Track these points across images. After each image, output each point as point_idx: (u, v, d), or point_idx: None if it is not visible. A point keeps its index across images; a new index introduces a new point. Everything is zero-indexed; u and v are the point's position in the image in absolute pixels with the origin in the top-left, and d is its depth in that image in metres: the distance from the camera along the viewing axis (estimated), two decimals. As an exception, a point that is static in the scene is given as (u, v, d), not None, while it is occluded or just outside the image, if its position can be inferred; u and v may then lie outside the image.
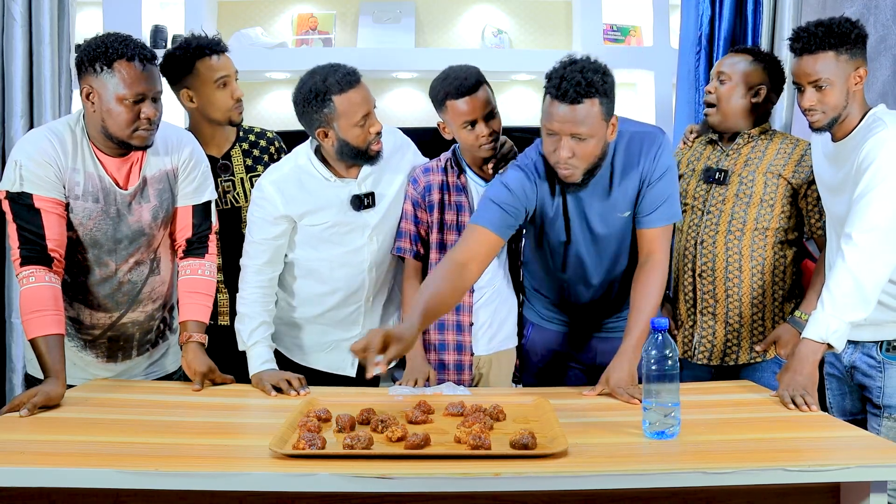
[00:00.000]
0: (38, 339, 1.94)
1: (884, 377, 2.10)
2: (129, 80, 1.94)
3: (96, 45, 1.95)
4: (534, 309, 2.44)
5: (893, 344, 2.09)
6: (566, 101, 1.93)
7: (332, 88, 2.15)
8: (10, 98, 2.74)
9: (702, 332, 2.42)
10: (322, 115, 2.16)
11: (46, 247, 1.97)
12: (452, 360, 2.38)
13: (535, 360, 2.44)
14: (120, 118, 1.96)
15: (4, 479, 1.50)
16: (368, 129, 2.18)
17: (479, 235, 2.07)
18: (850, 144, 2.09)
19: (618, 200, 2.12)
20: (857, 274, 1.93)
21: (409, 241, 2.36)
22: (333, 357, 2.39)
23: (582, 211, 2.14)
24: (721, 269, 2.38)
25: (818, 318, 1.95)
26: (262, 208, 2.24)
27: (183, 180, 2.18)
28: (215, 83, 2.42)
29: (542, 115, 2.02)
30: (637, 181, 2.11)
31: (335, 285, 2.33)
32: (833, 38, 2.05)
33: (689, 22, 3.08)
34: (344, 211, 2.27)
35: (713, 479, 1.49)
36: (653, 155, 2.10)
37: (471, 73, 2.27)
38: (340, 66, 2.20)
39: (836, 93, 2.07)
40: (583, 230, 2.17)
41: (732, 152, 2.41)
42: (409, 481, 1.48)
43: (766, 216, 2.35)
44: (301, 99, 2.19)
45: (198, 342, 2.16)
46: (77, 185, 2.01)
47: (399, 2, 4.01)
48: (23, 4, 2.72)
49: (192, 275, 2.22)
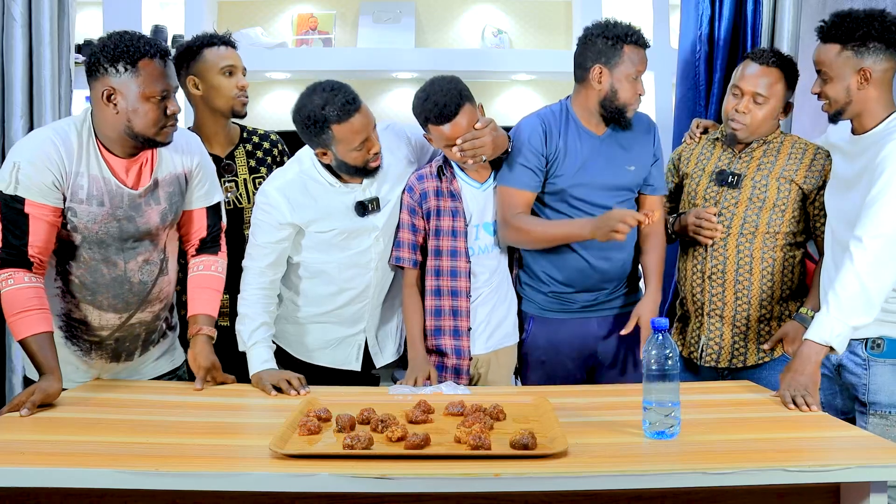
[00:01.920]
0: (27, 339, 1.94)
1: (869, 374, 2.10)
2: (154, 77, 1.94)
3: (115, 46, 1.94)
4: (534, 302, 2.46)
5: (878, 342, 2.09)
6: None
7: (330, 118, 2.13)
8: (10, 98, 2.74)
9: (709, 334, 2.41)
10: (321, 139, 2.17)
11: (27, 252, 1.95)
12: (451, 364, 2.38)
13: (537, 356, 2.45)
14: (148, 116, 1.96)
15: (4, 479, 1.50)
16: (367, 151, 2.19)
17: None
18: (867, 141, 2.08)
19: (633, 151, 2.42)
20: (864, 279, 1.93)
21: (409, 251, 2.36)
22: (338, 352, 2.40)
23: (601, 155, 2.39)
24: (731, 272, 2.37)
25: (822, 320, 1.95)
26: (268, 213, 2.24)
27: (197, 184, 2.19)
28: (221, 70, 2.43)
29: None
30: (649, 146, 2.44)
31: (343, 286, 2.33)
32: (840, 33, 2.04)
33: (689, 22, 3.08)
34: (350, 217, 2.27)
35: (713, 479, 1.49)
36: (655, 129, 2.48)
37: (451, 95, 2.23)
38: (340, 92, 2.15)
39: (835, 87, 2.07)
40: (599, 173, 2.38)
41: (745, 156, 2.40)
42: (409, 481, 1.48)
43: (778, 220, 2.34)
44: (300, 121, 2.19)
45: (207, 335, 2.17)
46: (81, 189, 2.00)
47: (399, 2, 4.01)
48: (23, 4, 2.72)
49: (205, 270, 2.24)
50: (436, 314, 2.37)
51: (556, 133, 2.38)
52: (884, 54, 2.05)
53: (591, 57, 2.35)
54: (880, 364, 2.09)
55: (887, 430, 2.03)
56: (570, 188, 2.37)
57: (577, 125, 2.41)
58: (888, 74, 2.08)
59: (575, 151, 2.38)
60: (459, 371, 2.37)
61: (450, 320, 2.37)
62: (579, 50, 2.40)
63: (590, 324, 2.44)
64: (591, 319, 2.44)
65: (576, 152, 2.38)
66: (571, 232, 2.34)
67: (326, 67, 3.77)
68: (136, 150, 2.04)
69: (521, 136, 2.39)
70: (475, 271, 2.38)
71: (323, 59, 3.84)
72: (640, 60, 2.35)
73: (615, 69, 2.33)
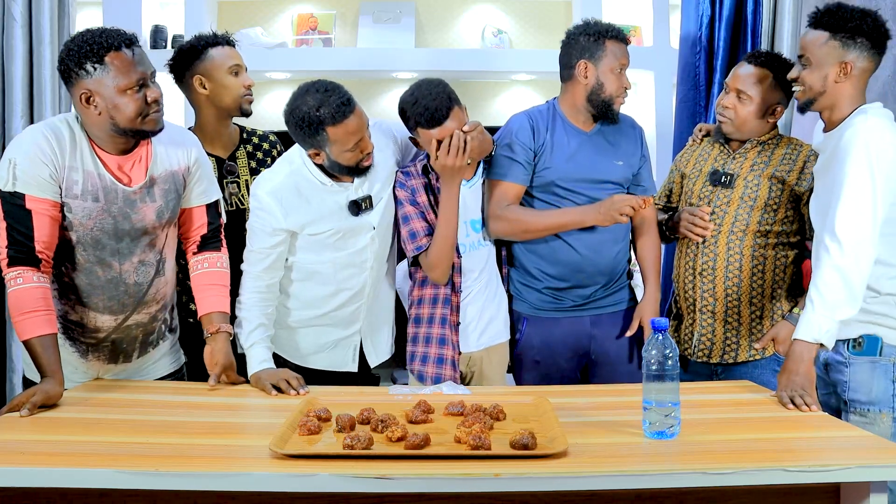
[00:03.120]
0: (32, 341, 1.93)
1: (849, 372, 2.11)
2: (125, 68, 1.92)
3: (79, 48, 1.92)
4: (526, 301, 2.47)
5: (859, 341, 2.10)
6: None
7: (325, 120, 2.12)
8: (10, 98, 2.74)
9: (701, 329, 2.43)
10: (315, 140, 2.17)
11: (34, 248, 1.95)
12: (434, 354, 2.37)
13: (532, 356, 2.46)
14: (128, 109, 1.94)
15: (4, 479, 1.50)
16: (360, 151, 2.19)
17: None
18: (834, 136, 2.09)
19: (621, 148, 2.46)
20: (843, 270, 1.94)
21: (427, 238, 2.33)
22: (335, 355, 2.39)
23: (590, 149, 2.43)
24: (721, 269, 2.39)
25: (809, 318, 1.95)
26: (261, 219, 2.23)
27: (195, 182, 2.19)
28: (229, 69, 2.44)
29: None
30: (636, 144, 2.50)
31: (340, 286, 2.33)
32: (832, 21, 2.06)
33: (689, 22, 3.08)
34: (345, 216, 2.27)
35: (713, 479, 1.49)
36: (641, 130, 2.54)
37: (441, 99, 2.24)
38: (334, 93, 2.14)
39: (813, 74, 2.09)
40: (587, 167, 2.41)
41: (739, 156, 2.43)
42: (408, 481, 1.48)
43: (769, 220, 2.36)
44: (293, 122, 2.17)
45: (226, 332, 2.17)
46: (75, 184, 1.99)
47: (399, 2, 4.01)
48: (23, 4, 2.72)
49: (210, 267, 2.23)
50: (421, 303, 2.39)
51: (543, 128, 2.43)
52: (867, 52, 2.07)
53: (575, 54, 2.41)
54: (859, 362, 2.11)
55: (866, 427, 2.03)
56: (559, 180, 2.40)
57: (564, 122, 2.45)
58: (865, 75, 2.09)
59: (562, 145, 2.42)
60: (443, 361, 2.36)
61: (441, 308, 2.36)
62: (563, 51, 2.45)
63: (583, 322, 2.45)
64: (583, 318, 2.45)
65: (563, 146, 2.42)
66: (570, 220, 2.37)
67: (326, 67, 3.77)
68: (128, 145, 2.03)
69: (508, 131, 2.45)
70: (465, 269, 2.38)
71: (323, 59, 3.84)
72: (622, 54, 2.40)
73: (599, 63, 2.38)
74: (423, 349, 2.39)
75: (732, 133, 2.43)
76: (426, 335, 2.39)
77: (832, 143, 2.09)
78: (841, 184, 1.98)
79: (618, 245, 2.45)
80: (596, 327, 2.46)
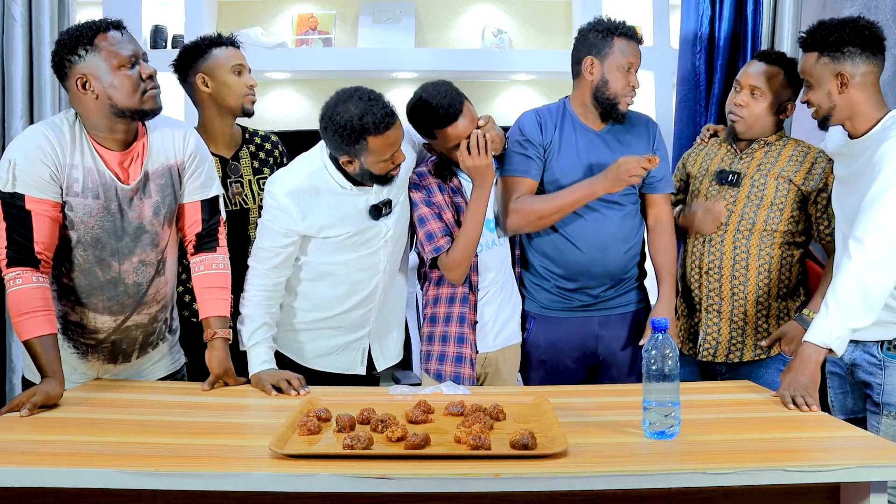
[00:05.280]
0: (32, 341, 1.93)
1: (884, 375, 2.10)
2: (117, 45, 1.95)
3: (69, 37, 1.94)
4: (535, 300, 2.46)
5: (894, 343, 2.09)
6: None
7: (368, 129, 2.08)
8: (10, 98, 2.75)
9: (706, 328, 2.44)
10: (352, 148, 2.13)
11: (34, 249, 1.94)
12: (452, 353, 2.37)
13: (538, 355, 2.46)
14: (125, 85, 1.95)
15: (4, 479, 1.50)
16: (392, 161, 2.17)
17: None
18: (865, 143, 2.09)
19: (632, 146, 2.43)
20: (863, 280, 1.93)
21: (444, 238, 2.32)
22: (344, 358, 2.37)
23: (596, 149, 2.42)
24: (728, 268, 2.39)
25: (822, 322, 1.95)
26: (276, 219, 2.20)
27: (190, 176, 2.17)
28: (232, 68, 2.45)
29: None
30: (649, 143, 2.47)
31: (353, 287, 2.30)
32: (815, 40, 2.09)
33: (689, 22, 3.09)
34: (362, 220, 2.25)
35: (713, 479, 1.49)
36: (656, 128, 2.52)
37: (452, 94, 2.27)
38: (378, 103, 2.11)
39: (817, 93, 2.11)
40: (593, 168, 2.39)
41: (746, 156, 2.44)
42: (409, 481, 1.48)
43: (775, 219, 2.37)
44: (332, 128, 2.11)
45: (223, 338, 2.16)
46: (76, 182, 1.99)
47: (399, 2, 4.01)
48: (23, 4, 2.73)
49: (206, 270, 2.21)
50: (437, 302, 2.39)
51: (551, 125, 2.43)
52: (860, 58, 2.07)
53: (583, 50, 2.41)
54: (895, 365, 2.09)
55: None
56: (567, 178, 2.39)
57: (573, 120, 2.44)
58: (870, 77, 2.09)
59: (570, 144, 2.41)
60: (461, 360, 2.35)
61: (458, 307, 2.36)
62: (574, 46, 2.45)
63: (591, 322, 2.45)
64: (592, 318, 2.45)
65: (571, 144, 2.41)
66: (580, 194, 2.35)
67: (326, 67, 3.77)
68: (128, 136, 2.03)
69: (518, 128, 2.45)
70: (482, 268, 2.38)
71: (323, 59, 3.84)
72: (631, 53, 2.38)
73: (606, 59, 2.38)
74: (441, 348, 2.38)
75: (745, 132, 2.42)
76: (442, 334, 2.38)
77: (863, 150, 2.08)
78: (876, 194, 1.97)
79: (626, 244, 2.43)
80: (604, 328, 2.45)
